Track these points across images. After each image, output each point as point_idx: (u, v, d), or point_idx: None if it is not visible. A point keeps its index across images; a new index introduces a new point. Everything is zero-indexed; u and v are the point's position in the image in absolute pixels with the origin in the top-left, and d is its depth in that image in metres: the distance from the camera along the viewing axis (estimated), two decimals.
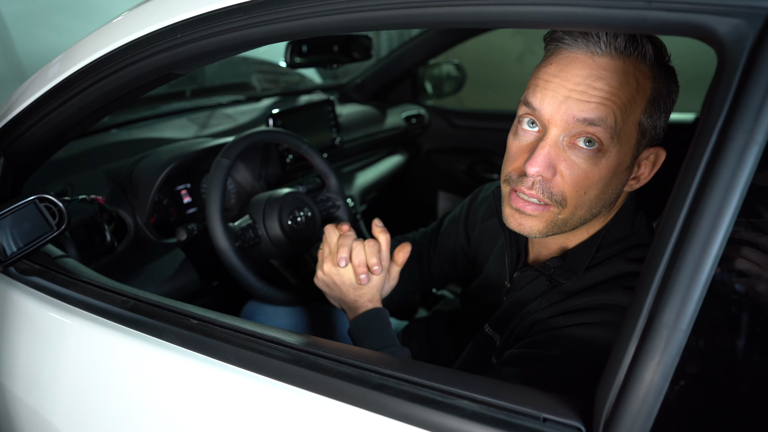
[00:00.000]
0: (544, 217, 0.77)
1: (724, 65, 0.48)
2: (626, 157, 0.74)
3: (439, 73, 2.62)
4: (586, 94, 0.70)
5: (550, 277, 0.83)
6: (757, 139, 0.44)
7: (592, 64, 0.71)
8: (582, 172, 0.73)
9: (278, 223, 1.28)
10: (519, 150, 0.78)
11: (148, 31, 0.81)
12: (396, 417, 0.58)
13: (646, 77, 0.72)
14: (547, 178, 0.74)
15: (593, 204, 0.77)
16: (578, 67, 0.71)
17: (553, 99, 0.72)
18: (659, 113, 0.75)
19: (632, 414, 0.47)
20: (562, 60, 0.73)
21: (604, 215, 0.82)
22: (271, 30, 0.73)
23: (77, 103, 0.93)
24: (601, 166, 0.73)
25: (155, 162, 1.38)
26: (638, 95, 0.72)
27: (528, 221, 0.78)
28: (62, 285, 0.93)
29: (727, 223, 0.44)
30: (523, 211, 0.78)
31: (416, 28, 0.66)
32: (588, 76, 0.70)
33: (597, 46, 0.70)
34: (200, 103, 1.95)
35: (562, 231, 0.79)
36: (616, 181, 0.76)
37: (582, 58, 0.71)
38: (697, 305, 0.45)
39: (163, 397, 0.77)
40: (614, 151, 0.73)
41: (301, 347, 0.68)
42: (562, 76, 0.72)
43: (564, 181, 0.74)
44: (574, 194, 0.75)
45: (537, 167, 0.73)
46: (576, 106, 0.71)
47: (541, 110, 0.73)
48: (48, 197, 0.99)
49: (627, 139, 0.73)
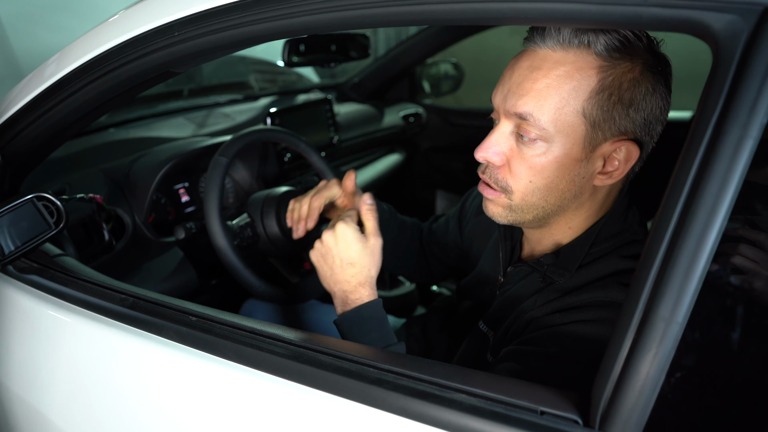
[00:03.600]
0: (498, 203, 0.82)
1: (719, 61, 0.48)
2: (573, 148, 0.74)
3: (436, 72, 2.62)
4: (522, 87, 0.74)
5: (543, 273, 0.83)
6: (751, 134, 0.45)
7: (534, 57, 0.74)
8: (524, 161, 0.77)
9: (276, 221, 1.28)
10: None
11: (145, 29, 0.81)
12: (394, 411, 0.58)
13: (591, 67, 0.71)
14: (496, 164, 0.79)
15: (546, 194, 0.78)
16: (523, 60, 0.76)
17: (500, 94, 0.78)
18: (614, 104, 0.72)
19: (629, 406, 0.48)
20: (519, 55, 0.78)
21: (586, 210, 0.82)
22: (269, 27, 0.73)
23: (74, 101, 0.93)
24: (544, 156, 0.76)
25: (153, 161, 1.38)
26: (580, 85, 0.72)
27: (489, 205, 0.84)
28: (61, 283, 0.93)
29: (722, 217, 0.45)
30: (483, 194, 0.84)
31: (413, 25, 0.66)
32: (527, 68, 0.74)
33: (542, 40, 0.73)
34: (198, 102, 1.95)
35: (526, 219, 0.82)
36: (568, 172, 0.76)
37: (528, 52, 0.76)
38: (692, 298, 0.45)
39: (162, 395, 0.78)
40: (556, 141, 0.74)
41: (300, 343, 0.68)
42: (511, 71, 0.77)
43: (508, 169, 0.79)
44: (518, 182, 0.78)
45: (482, 152, 0.79)
46: (511, 100, 0.75)
47: (494, 104, 0.80)
48: (46, 196, 0.99)
49: (569, 131, 0.73)
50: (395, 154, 2.37)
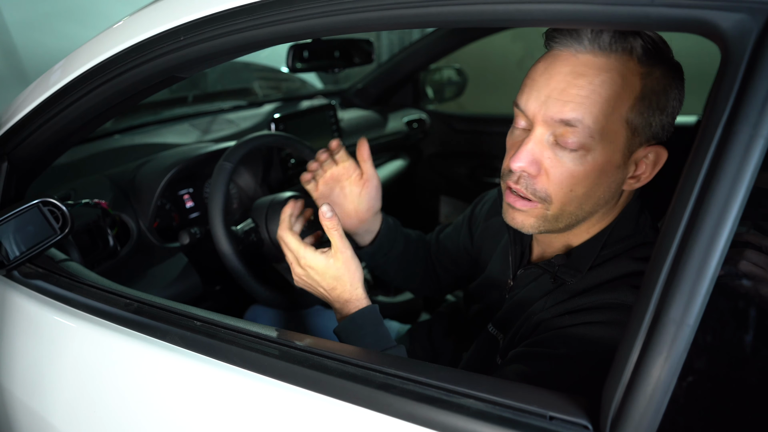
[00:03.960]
0: (532, 213, 0.78)
1: (727, 61, 0.48)
2: (615, 155, 0.74)
3: (440, 78, 2.62)
4: (566, 92, 0.71)
5: (554, 274, 0.83)
6: (762, 133, 0.44)
7: (575, 62, 0.71)
8: (566, 169, 0.74)
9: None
10: (511, 146, 0.80)
11: (151, 34, 0.81)
12: (401, 416, 0.57)
13: (634, 73, 0.71)
14: (532, 174, 0.76)
15: (583, 201, 0.77)
16: (561, 65, 0.72)
17: (536, 100, 0.74)
18: (652, 110, 0.73)
19: (640, 411, 0.47)
20: (548, 59, 0.74)
21: (604, 213, 0.81)
22: (274, 31, 0.73)
23: (80, 106, 0.93)
24: (586, 164, 0.73)
25: (158, 166, 1.38)
26: (624, 92, 0.71)
27: (519, 216, 0.80)
28: (65, 288, 0.93)
29: (733, 217, 0.44)
30: (514, 205, 0.80)
31: (418, 27, 0.66)
32: (569, 74, 0.71)
33: (581, 44, 0.71)
34: (202, 108, 1.95)
35: (557, 228, 0.79)
36: (606, 179, 0.76)
37: (565, 56, 0.72)
38: (704, 300, 0.45)
39: (167, 400, 0.77)
40: (599, 149, 0.72)
41: (305, 348, 0.68)
42: (546, 75, 0.73)
43: (548, 179, 0.75)
44: (559, 191, 0.75)
45: (519, 162, 0.74)
46: (554, 107, 0.72)
47: (527, 110, 0.75)
48: (51, 201, 0.99)
49: (613, 137, 0.73)
50: (399, 159, 2.37)
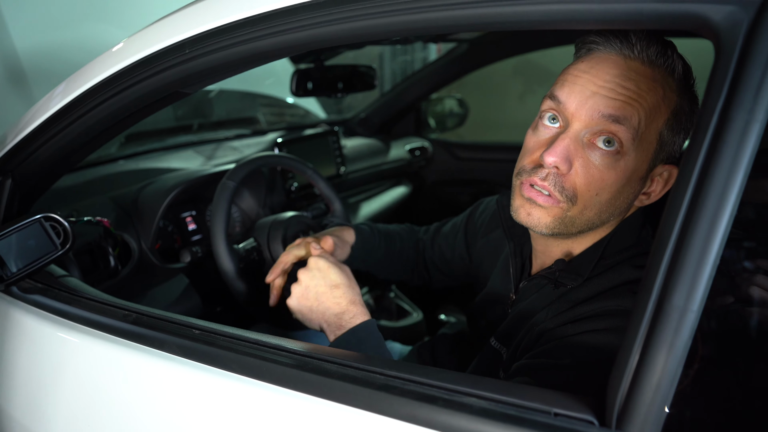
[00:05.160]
0: (552, 211, 0.77)
1: (720, 52, 0.49)
2: (642, 164, 0.75)
3: (442, 109, 2.66)
4: (614, 91, 0.72)
5: (555, 280, 0.82)
6: (757, 118, 0.44)
7: (624, 65, 0.72)
8: (597, 172, 0.74)
9: (283, 246, 1.27)
10: (537, 144, 0.79)
11: (157, 48, 0.83)
12: (402, 418, 0.56)
13: (672, 90, 0.74)
14: (562, 171, 0.74)
15: (603, 208, 0.76)
16: (609, 65, 0.73)
17: (581, 93, 0.73)
18: (679, 129, 0.76)
19: (646, 402, 0.45)
20: (594, 59, 0.75)
21: (610, 224, 0.81)
22: (277, 42, 0.75)
23: (85, 122, 0.94)
24: (618, 169, 0.73)
25: (160, 188, 1.39)
26: (663, 104, 0.73)
27: (537, 212, 0.77)
28: (63, 302, 0.92)
29: (733, 201, 0.44)
30: (535, 200, 0.77)
31: (420, 33, 0.67)
32: (618, 75, 0.72)
33: (630, 50, 0.72)
34: (206, 136, 1.98)
35: (568, 231, 0.79)
36: (629, 188, 0.76)
37: (614, 58, 0.73)
38: (707, 285, 0.44)
39: (168, 409, 0.75)
40: (632, 155, 0.73)
41: (304, 352, 0.67)
42: (592, 73, 0.74)
43: (578, 178, 0.74)
44: (585, 193, 0.75)
45: (554, 156, 0.73)
46: (603, 102, 0.72)
47: (567, 104, 0.74)
48: (53, 216, 1.00)
49: (646, 146, 0.74)
50: (402, 186, 2.38)
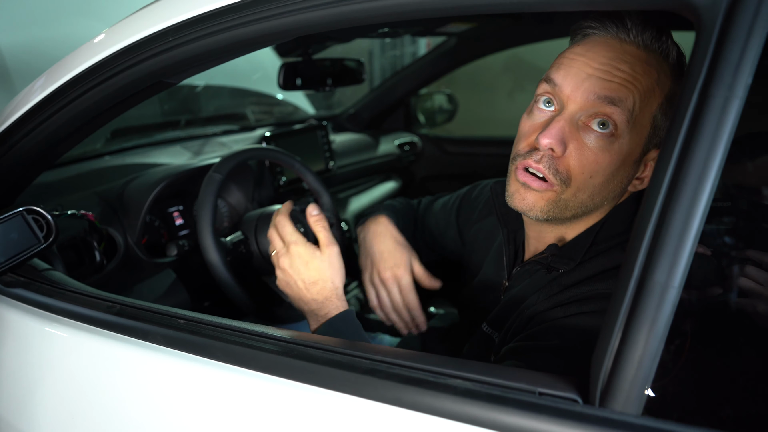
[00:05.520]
0: (546, 196, 0.77)
1: (701, 30, 0.49)
2: (636, 148, 0.75)
3: (431, 104, 2.66)
4: (610, 74, 0.72)
5: (548, 264, 0.82)
6: (737, 94, 0.45)
7: (619, 48, 0.73)
8: (591, 154, 0.74)
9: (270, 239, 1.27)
10: (532, 128, 0.79)
11: (140, 36, 0.82)
12: (387, 401, 0.56)
13: (667, 75, 0.74)
14: (557, 154, 0.75)
15: (596, 191, 0.77)
16: (605, 48, 0.74)
17: (576, 76, 0.74)
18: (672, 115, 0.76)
19: (629, 379, 0.46)
20: (590, 42, 0.76)
21: (603, 210, 0.82)
22: (261, 29, 0.74)
23: (67, 114, 0.93)
24: (612, 151, 0.74)
25: (146, 182, 1.38)
26: (658, 88, 0.74)
27: (531, 196, 0.78)
28: (47, 295, 0.91)
29: (713, 177, 0.44)
30: (530, 185, 0.78)
31: (410, 18, 0.67)
32: (614, 58, 0.73)
33: (626, 34, 0.73)
34: (194, 132, 1.97)
35: (562, 215, 0.79)
36: (622, 172, 0.76)
37: (610, 41, 0.74)
38: (688, 261, 0.44)
39: (154, 400, 0.75)
40: (626, 138, 0.74)
41: (290, 339, 0.66)
42: (588, 56, 0.74)
43: (572, 160, 0.75)
44: (579, 175, 0.75)
45: (550, 138, 0.73)
46: (598, 84, 0.72)
47: (563, 86, 0.75)
48: (36, 209, 0.98)
49: (640, 130, 0.74)
50: (391, 181, 2.38)
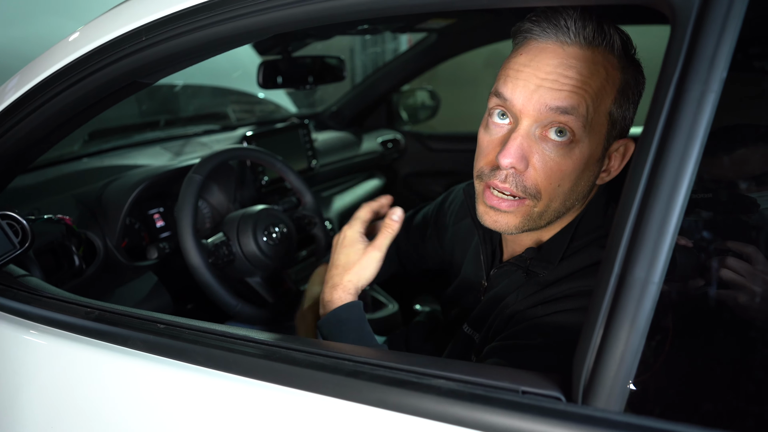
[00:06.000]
0: (519, 212, 0.76)
1: (676, 25, 0.49)
2: (597, 147, 0.75)
3: (413, 101, 2.65)
4: (558, 82, 0.71)
5: (526, 269, 0.82)
6: (712, 88, 0.45)
7: (562, 54, 0.71)
8: (555, 164, 0.73)
9: (253, 239, 1.26)
10: (490, 144, 0.77)
11: (113, 36, 0.80)
12: (371, 403, 0.55)
13: (615, 68, 0.73)
14: (520, 170, 0.73)
15: (567, 196, 0.76)
16: (549, 56, 0.71)
17: (524, 89, 0.72)
18: (628, 104, 0.76)
19: (611, 375, 0.46)
20: (532, 50, 0.73)
21: (576, 208, 0.82)
22: (236, 27, 0.73)
23: (41, 115, 0.91)
24: (574, 157, 0.73)
25: (125, 184, 1.35)
26: (608, 85, 0.73)
27: (503, 218, 0.77)
28: (24, 302, 0.88)
29: (690, 171, 0.44)
30: (498, 208, 0.77)
31: (390, 14, 0.67)
32: (559, 65, 0.71)
33: (566, 36, 0.71)
34: (174, 132, 1.94)
35: (538, 225, 0.79)
36: (588, 173, 0.76)
37: (552, 47, 0.72)
38: (667, 257, 0.44)
39: (134, 406, 0.73)
40: (586, 141, 0.73)
41: (271, 342, 0.66)
42: (533, 66, 0.72)
43: (537, 174, 0.73)
44: (548, 186, 0.74)
45: (510, 158, 0.72)
46: (548, 95, 0.71)
47: (513, 100, 0.73)
48: (10, 214, 0.96)
49: (598, 130, 0.73)
50: (375, 179, 2.37)
